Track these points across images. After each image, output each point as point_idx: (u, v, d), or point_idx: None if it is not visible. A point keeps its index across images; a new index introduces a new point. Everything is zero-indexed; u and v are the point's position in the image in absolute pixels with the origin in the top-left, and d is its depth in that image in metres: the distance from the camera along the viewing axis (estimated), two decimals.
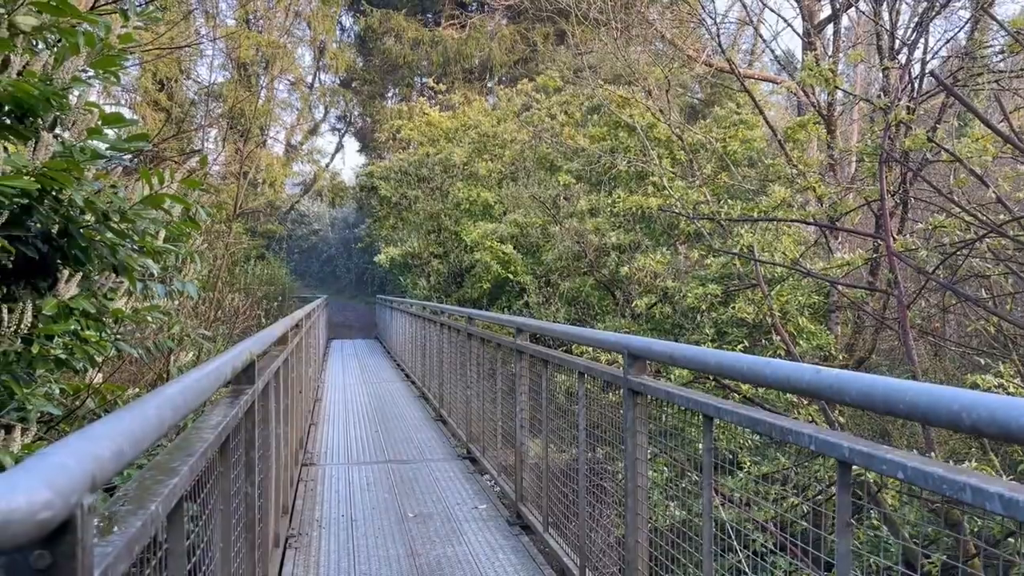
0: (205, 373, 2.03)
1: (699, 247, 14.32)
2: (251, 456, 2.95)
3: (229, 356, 2.44)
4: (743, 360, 2.29)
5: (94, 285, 4.50)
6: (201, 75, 27.57)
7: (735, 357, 2.33)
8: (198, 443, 1.85)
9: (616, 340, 3.40)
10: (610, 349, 3.44)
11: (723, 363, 2.37)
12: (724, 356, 2.40)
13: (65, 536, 0.95)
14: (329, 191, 29.94)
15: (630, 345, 3.24)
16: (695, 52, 20.13)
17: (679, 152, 17.41)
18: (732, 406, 2.45)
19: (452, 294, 18.66)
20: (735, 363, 2.29)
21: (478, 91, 26.63)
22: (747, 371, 2.21)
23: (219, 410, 2.39)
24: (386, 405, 10.72)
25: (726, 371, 2.38)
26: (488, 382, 6.61)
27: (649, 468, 3.27)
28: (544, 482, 4.75)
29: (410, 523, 5.32)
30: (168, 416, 1.44)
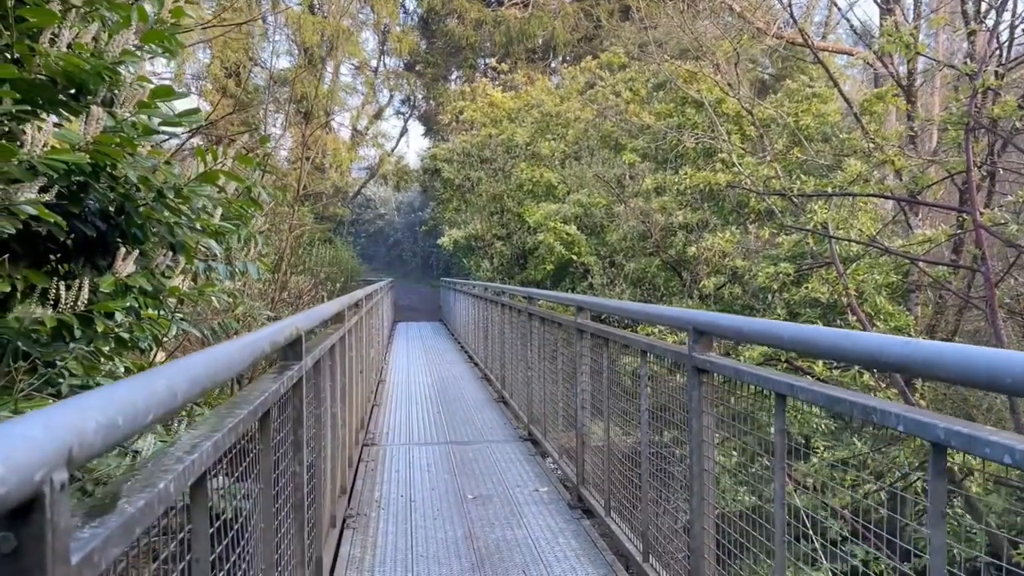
0: (239, 346, 1.92)
1: (770, 225, 13.84)
2: (299, 434, 2.86)
3: (269, 330, 2.34)
4: (821, 333, 2.07)
5: (152, 263, 4.50)
6: (268, 62, 27.96)
7: (812, 330, 2.11)
8: (229, 418, 1.74)
9: (680, 315, 3.20)
10: (674, 325, 3.24)
11: (799, 337, 2.15)
12: (799, 329, 2.18)
13: (32, 516, 0.83)
14: (394, 175, 30.11)
15: (695, 320, 3.03)
16: (765, 24, 19.46)
17: (749, 128, 16.89)
18: (807, 383, 2.24)
19: (515, 276, 18.54)
20: (812, 336, 2.08)
21: (541, 71, 26.33)
22: (826, 345, 1.99)
23: (259, 385, 2.29)
24: (448, 386, 10.67)
25: (802, 345, 2.16)
26: (549, 363, 6.45)
27: (717, 451, 3.07)
28: (606, 465, 4.58)
29: (469, 505, 5.21)
30: (183, 388, 1.32)
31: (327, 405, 4.16)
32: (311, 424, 3.52)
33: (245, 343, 1.98)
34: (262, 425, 2.21)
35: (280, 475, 2.73)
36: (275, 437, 2.58)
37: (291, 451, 2.83)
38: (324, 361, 3.92)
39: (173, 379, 1.30)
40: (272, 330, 2.35)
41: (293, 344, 2.86)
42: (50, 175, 3.20)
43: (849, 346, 1.93)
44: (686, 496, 3.44)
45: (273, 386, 2.26)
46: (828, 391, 2.11)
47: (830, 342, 1.98)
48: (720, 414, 3.10)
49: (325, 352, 3.88)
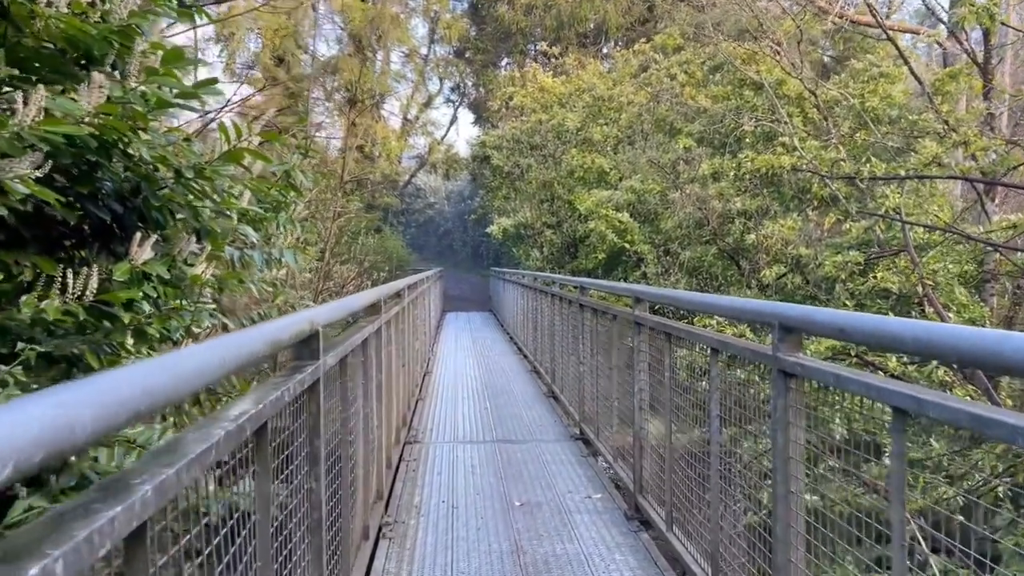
0: (217, 348, 1.53)
1: (835, 211, 13.11)
2: (315, 445, 2.47)
3: (269, 327, 1.94)
4: (966, 335, 1.59)
5: (174, 249, 4.16)
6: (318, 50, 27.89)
7: (954, 331, 1.62)
8: (196, 444, 1.34)
9: (762, 308, 2.72)
10: (754, 320, 2.77)
11: (936, 339, 1.67)
12: (935, 329, 1.69)
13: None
14: (443, 163, 29.82)
15: (782, 315, 2.55)
16: (827, 3, 18.58)
17: (811, 110, 16.11)
18: (938, 397, 1.75)
19: (565, 265, 18.05)
20: (958, 338, 1.59)
21: (592, 56, 25.70)
22: (981, 349, 1.50)
23: (257, 393, 1.89)
24: (497, 380, 10.28)
25: (939, 349, 1.68)
26: (603, 358, 5.99)
27: (805, 468, 2.59)
28: (667, 474, 4.11)
29: (516, 513, 4.80)
30: (84, 422, 0.91)
31: (359, 406, 3.78)
32: (337, 430, 3.14)
33: (227, 344, 1.58)
34: (258, 443, 1.82)
35: (293, 492, 2.34)
36: (284, 452, 2.19)
37: (306, 465, 2.44)
38: (354, 357, 3.53)
39: (75, 406, 0.90)
40: (273, 327, 1.95)
41: (308, 341, 2.46)
42: (42, 148, 2.85)
43: (1010, 352, 1.45)
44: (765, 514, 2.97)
45: (273, 394, 1.86)
46: (972, 409, 1.62)
47: (987, 347, 1.49)
48: (812, 426, 2.61)
49: (355, 347, 3.49)
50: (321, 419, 2.51)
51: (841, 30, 20.88)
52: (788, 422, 2.58)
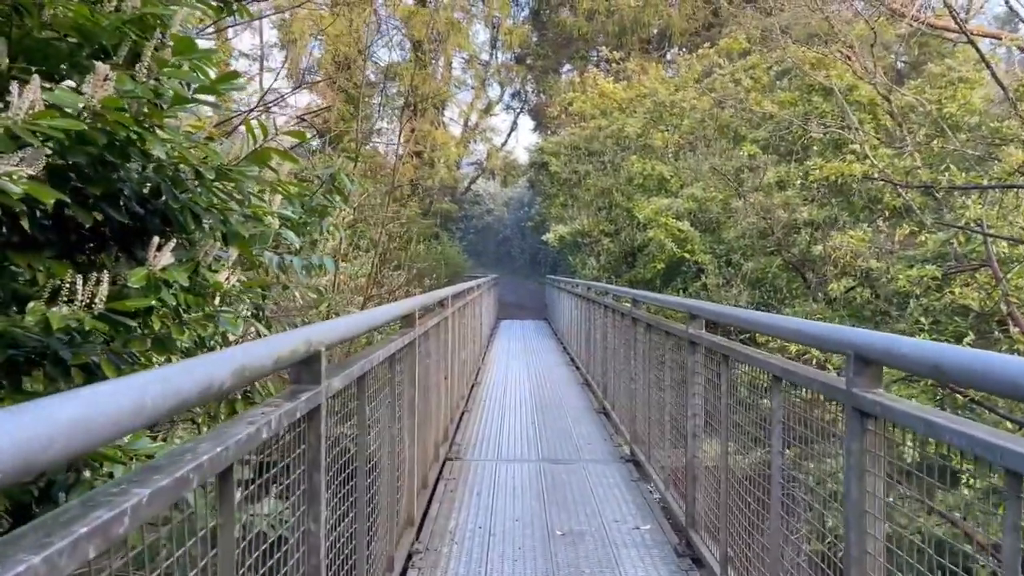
0: (163, 379, 1.24)
1: (909, 222, 12.41)
2: (315, 481, 2.18)
3: (244, 352, 1.65)
4: None
5: (199, 255, 3.94)
6: (380, 56, 28.01)
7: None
8: (94, 509, 1.05)
9: (833, 334, 2.33)
10: (824, 347, 2.37)
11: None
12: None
13: None
14: (501, 170, 29.61)
15: (859, 343, 2.16)
16: (902, 6, 17.80)
17: (884, 117, 15.39)
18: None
19: (623, 275, 17.60)
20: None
21: (655, 62, 25.19)
22: None
23: (230, 427, 1.60)
24: (547, 392, 9.93)
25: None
26: (656, 376, 5.60)
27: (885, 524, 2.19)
28: (723, 510, 3.72)
29: (557, 543, 4.45)
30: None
31: (383, 427, 3.50)
32: (353, 456, 2.85)
33: (175, 374, 1.30)
34: (221, 491, 1.53)
35: (287, 534, 2.06)
36: (267, 494, 1.91)
37: (302, 504, 2.15)
38: (378, 374, 3.25)
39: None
40: (251, 351, 1.66)
41: (308, 363, 2.18)
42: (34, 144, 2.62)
43: None
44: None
45: (240, 433, 1.56)
46: None
47: None
48: (892, 473, 2.22)
49: (379, 364, 3.20)
50: (322, 451, 2.22)
51: (917, 34, 20.01)
52: (864, 469, 2.19)
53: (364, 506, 2.94)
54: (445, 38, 25.06)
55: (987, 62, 13.53)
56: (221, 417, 3.85)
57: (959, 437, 1.64)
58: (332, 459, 2.62)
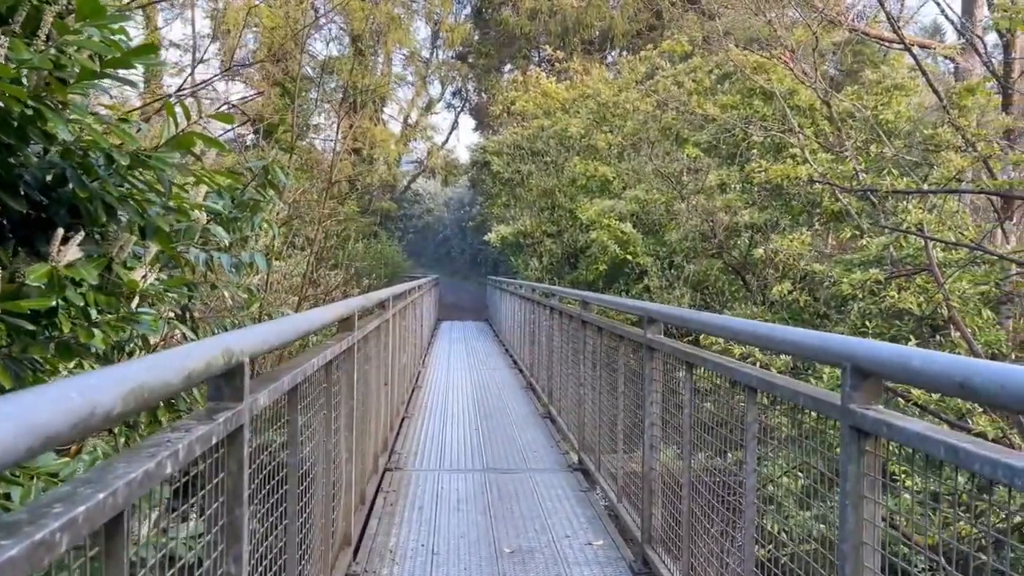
0: None
1: (848, 226, 12.51)
2: (236, 516, 1.85)
3: (142, 367, 1.32)
4: None
5: (112, 249, 3.55)
6: (318, 49, 27.34)
7: None
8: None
9: (827, 344, 2.09)
10: (816, 359, 2.12)
11: None
12: None
13: None
14: (442, 168, 29.20)
15: (857, 354, 1.93)
16: (837, 14, 18.09)
17: (823, 122, 15.57)
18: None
19: (565, 276, 17.43)
20: None
21: (597, 63, 25.13)
22: None
23: (107, 470, 1.27)
24: (490, 396, 9.64)
25: None
26: (607, 381, 5.37)
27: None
28: (685, 528, 3.48)
29: (505, 562, 4.17)
30: None
31: (319, 441, 3.16)
32: (282, 479, 2.51)
33: (31, 401, 0.97)
34: (109, 543, 1.20)
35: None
36: (175, 535, 1.57)
37: (220, 542, 1.82)
38: (310, 385, 2.92)
39: None
40: (146, 365, 1.33)
41: (229, 376, 1.84)
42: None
43: None
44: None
45: (140, 467, 1.23)
46: None
47: None
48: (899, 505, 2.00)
49: (311, 375, 2.87)
50: (245, 480, 1.88)
51: (852, 42, 20.38)
52: (862, 496, 1.96)
53: (296, 533, 2.61)
54: (385, 32, 24.56)
55: (923, 69, 13.74)
56: (141, 426, 3.46)
57: (1001, 468, 1.40)
58: (259, 484, 2.28)
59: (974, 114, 14.58)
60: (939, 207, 10.74)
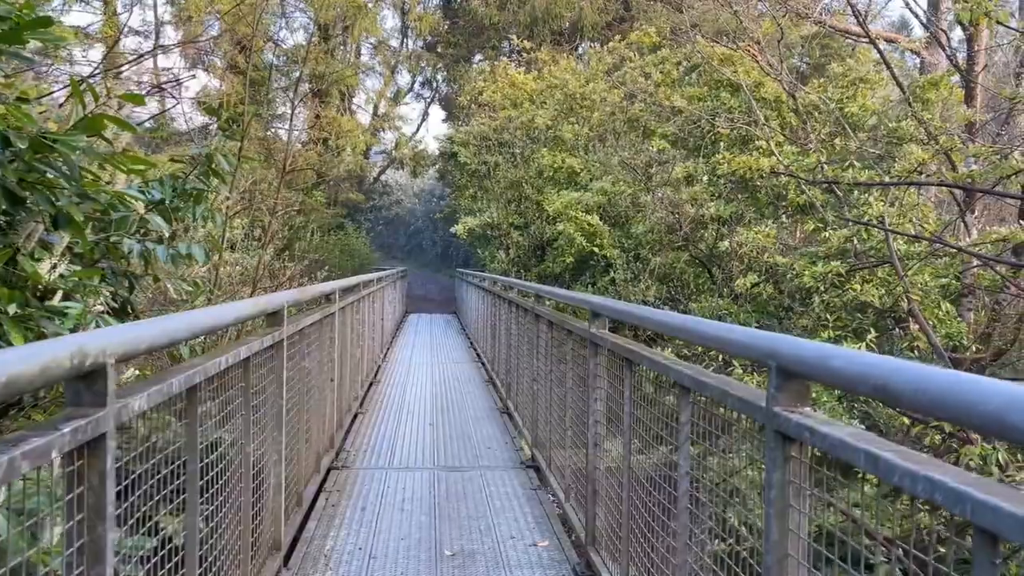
0: None
1: (811, 219, 12.49)
2: (99, 534, 1.66)
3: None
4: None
5: (17, 239, 3.35)
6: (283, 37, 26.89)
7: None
8: None
9: (753, 340, 1.95)
10: (742, 355, 1.93)
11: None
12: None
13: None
14: (410, 159, 28.88)
15: (782, 352, 1.79)
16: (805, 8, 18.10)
17: (789, 114, 15.54)
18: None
19: (532, 269, 17.27)
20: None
21: (567, 54, 24.96)
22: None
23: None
24: (449, 391, 9.47)
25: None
26: (557, 376, 5.23)
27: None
28: (624, 530, 3.35)
29: (445, 565, 4.01)
30: None
31: (237, 443, 2.98)
32: (180, 487, 2.33)
33: None
34: None
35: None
36: None
37: (80, 563, 1.64)
38: (225, 383, 2.74)
39: None
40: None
41: (91, 379, 1.66)
42: None
43: None
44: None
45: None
46: None
47: None
48: (815, 502, 1.86)
49: (220, 371, 2.68)
50: (108, 494, 1.70)
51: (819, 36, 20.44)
52: (787, 505, 1.82)
53: (195, 546, 2.42)
54: (352, 21, 24.18)
55: (887, 63, 13.75)
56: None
57: (921, 482, 1.26)
58: (148, 490, 2.10)
59: (937, 108, 14.65)
60: (900, 200, 10.74)
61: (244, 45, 22.74)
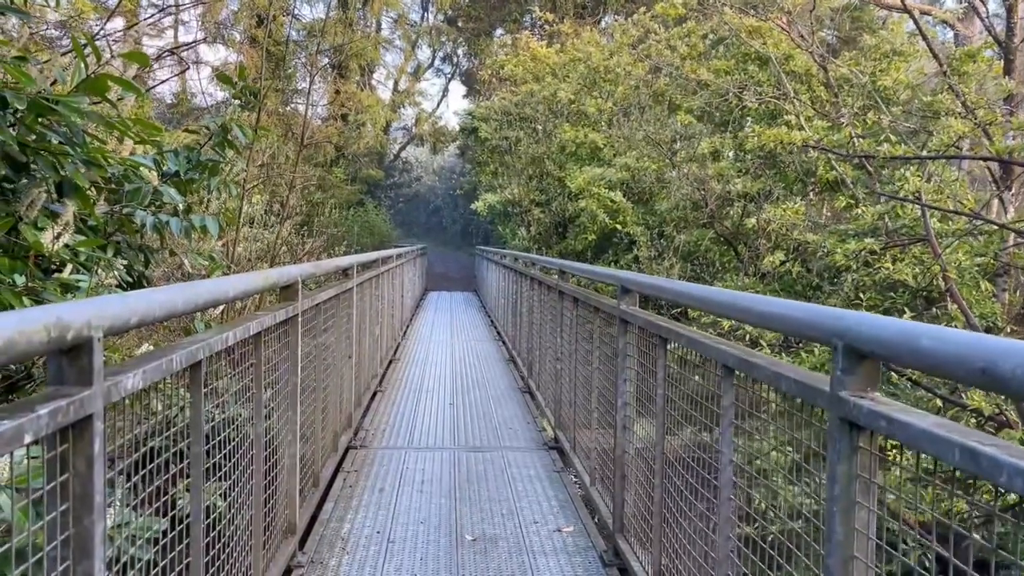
0: None
1: (843, 195, 12.14)
2: (85, 525, 1.50)
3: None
4: None
5: (20, 207, 3.19)
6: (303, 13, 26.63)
7: None
8: None
9: (818, 318, 1.74)
10: (801, 334, 1.76)
11: None
12: None
13: None
14: (431, 135, 28.60)
15: (850, 331, 1.58)
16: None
17: (819, 88, 15.12)
18: None
19: (554, 246, 17.04)
20: None
21: (590, 27, 24.52)
22: None
23: None
24: (470, 369, 9.31)
25: None
26: (583, 355, 5.03)
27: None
28: (657, 518, 3.16)
29: (466, 551, 3.85)
30: None
31: (249, 422, 2.82)
32: (181, 471, 2.16)
33: None
34: None
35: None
36: None
37: (66, 557, 1.47)
38: (229, 362, 2.57)
39: None
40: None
41: (75, 354, 1.49)
42: None
43: None
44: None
45: None
46: None
47: None
48: (885, 496, 1.65)
49: (228, 347, 2.51)
50: (97, 481, 1.52)
51: (850, 7, 19.91)
52: (853, 502, 1.61)
53: (200, 532, 2.26)
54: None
55: (923, 33, 13.30)
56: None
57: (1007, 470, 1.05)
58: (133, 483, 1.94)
59: (974, 81, 14.18)
60: (937, 175, 10.38)
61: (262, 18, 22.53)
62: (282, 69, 20.80)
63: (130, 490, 2.02)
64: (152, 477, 2.05)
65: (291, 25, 22.97)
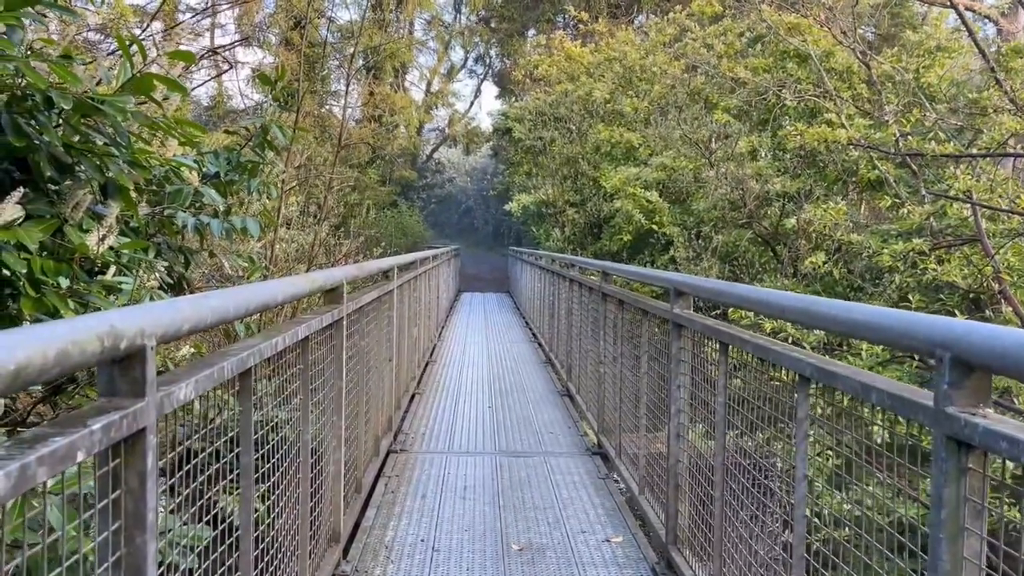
0: None
1: (887, 194, 11.85)
2: (138, 545, 1.42)
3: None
4: None
5: (65, 209, 3.14)
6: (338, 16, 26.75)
7: None
8: None
9: (916, 328, 1.60)
10: (895, 346, 1.62)
11: None
12: None
13: None
14: (464, 136, 28.57)
15: (959, 342, 1.44)
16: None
17: (859, 85, 14.81)
18: None
19: (588, 247, 16.88)
20: None
21: (624, 26, 24.32)
22: None
23: None
24: (507, 372, 9.21)
25: None
26: (629, 360, 4.90)
27: None
28: (718, 532, 3.02)
29: (513, 561, 3.74)
30: None
31: (297, 429, 2.74)
32: (231, 484, 2.08)
33: None
34: None
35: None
36: None
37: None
38: (282, 366, 2.49)
39: None
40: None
41: (127, 364, 1.40)
42: None
43: None
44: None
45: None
46: None
47: None
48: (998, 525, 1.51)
49: (277, 352, 2.43)
50: (150, 499, 1.44)
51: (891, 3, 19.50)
52: (962, 528, 1.48)
53: (250, 544, 2.18)
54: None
55: (969, 28, 12.94)
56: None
57: None
58: (186, 495, 1.86)
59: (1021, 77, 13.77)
60: (987, 174, 10.07)
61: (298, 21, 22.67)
62: (317, 71, 20.90)
63: (180, 504, 1.94)
64: (201, 489, 1.97)
65: (327, 27, 23.10)
